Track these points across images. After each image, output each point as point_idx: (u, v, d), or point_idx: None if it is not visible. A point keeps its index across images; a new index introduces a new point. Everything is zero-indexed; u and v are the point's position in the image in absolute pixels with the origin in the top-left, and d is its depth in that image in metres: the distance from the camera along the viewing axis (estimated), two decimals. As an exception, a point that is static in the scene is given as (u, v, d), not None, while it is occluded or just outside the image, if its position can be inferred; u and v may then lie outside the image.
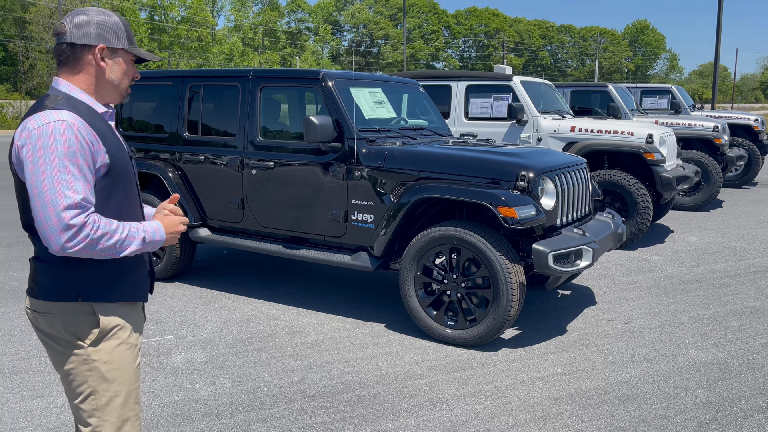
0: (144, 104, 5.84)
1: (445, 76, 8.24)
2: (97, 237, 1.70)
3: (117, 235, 1.74)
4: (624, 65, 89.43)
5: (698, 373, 3.84)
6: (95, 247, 1.71)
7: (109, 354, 1.85)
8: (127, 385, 1.90)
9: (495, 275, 3.98)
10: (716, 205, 10.31)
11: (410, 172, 4.39)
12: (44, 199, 1.66)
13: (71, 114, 1.74)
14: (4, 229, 7.92)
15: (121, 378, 1.88)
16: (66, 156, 1.68)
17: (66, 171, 1.68)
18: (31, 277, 1.87)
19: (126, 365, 1.90)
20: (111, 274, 1.85)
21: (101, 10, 1.85)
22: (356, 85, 4.90)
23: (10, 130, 33.01)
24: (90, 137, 1.75)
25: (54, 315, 1.83)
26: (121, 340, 1.88)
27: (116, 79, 1.89)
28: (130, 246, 1.77)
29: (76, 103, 1.80)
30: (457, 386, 3.63)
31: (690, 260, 6.69)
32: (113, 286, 1.85)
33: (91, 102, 1.85)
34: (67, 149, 1.69)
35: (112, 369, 1.86)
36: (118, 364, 1.87)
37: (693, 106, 13.64)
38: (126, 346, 1.89)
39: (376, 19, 78.34)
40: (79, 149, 1.71)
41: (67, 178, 1.68)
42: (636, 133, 7.26)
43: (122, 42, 1.87)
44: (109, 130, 1.86)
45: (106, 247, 1.72)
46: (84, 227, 1.68)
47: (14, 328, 4.47)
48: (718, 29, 21.70)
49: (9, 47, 56.09)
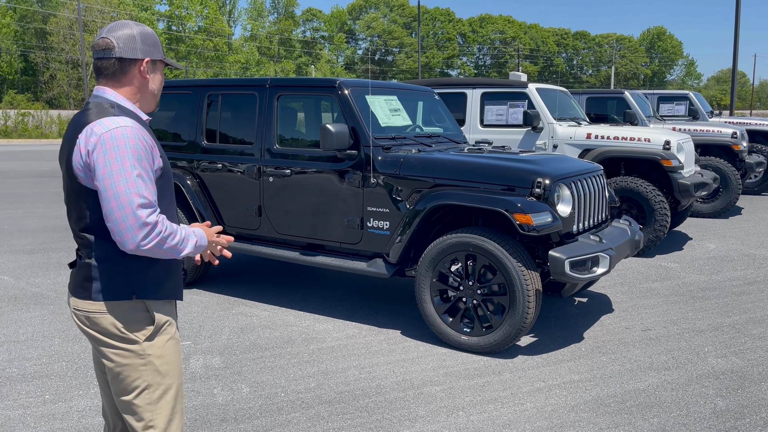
0: (162, 113, 5.92)
1: (461, 84, 8.26)
2: (166, 235, 1.82)
3: (179, 236, 1.86)
4: (641, 71, 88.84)
5: (717, 381, 3.81)
6: (163, 246, 1.82)
7: (161, 348, 1.95)
8: (177, 378, 2.01)
9: (511, 282, 3.98)
10: (735, 212, 10.20)
11: (426, 180, 4.40)
12: (120, 200, 1.76)
13: (126, 119, 1.85)
14: (26, 236, 8.06)
15: (172, 371, 1.98)
16: (135, 158, 1.80)
17: (137, 173, 1.80)
18: (80, 280, 1.93)
19: (175, 359, 2.00)
20: (161, 274, 1.96)
21: (136, 22, 1.96)
22: (372, 93, 4.94)
23: (30, 139, 33.55)
24: (149, 142, 1.88)
25: (108, 314, 1.90)
26: (170, 335, 1.99)
27: (156, 89, 2.00)
28: (186, 247, 1.89)
29: (127, 112, 1.90)
30: (474, 393, 3.63)
31: (709, 267, 6.63)
32: (162, 285, 1.97)
33: (137, 110, 1.96)
34: (135, 153, 1.80)
35: (164, 363, 1.96)
36: (169, 357, 1.97)
37: (711, 113, 13.53)
38: (174, 341, 2.00)
39: (390, 28, 78.63)
40: (144, 153, 1.83)
41: (138, 180, 1.79)
42: (653, 140, 7.22)
43: (159, 53, 1.98)
44: (153, 137, 1.96)
45: (171, 246, 1.84)
46: (156, 225, 1.80)
47: (36, 333, 4.55)
48: (735, 35, 21.53)
49: (30, 58, 57.11)
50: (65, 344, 4.34)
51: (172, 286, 2.01)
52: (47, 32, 54.93)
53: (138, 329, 1.92)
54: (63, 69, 55.14)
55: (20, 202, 10.98)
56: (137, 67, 1.93)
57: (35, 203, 10.91)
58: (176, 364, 2.00)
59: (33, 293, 5.55)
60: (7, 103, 42.08)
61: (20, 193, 12.27)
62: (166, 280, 1.98)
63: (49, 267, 6.49)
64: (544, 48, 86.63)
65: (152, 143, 1.89)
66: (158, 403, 1.95)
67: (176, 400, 2.00)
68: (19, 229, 8.50)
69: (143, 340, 1.92)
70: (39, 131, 35.77)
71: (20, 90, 56.07)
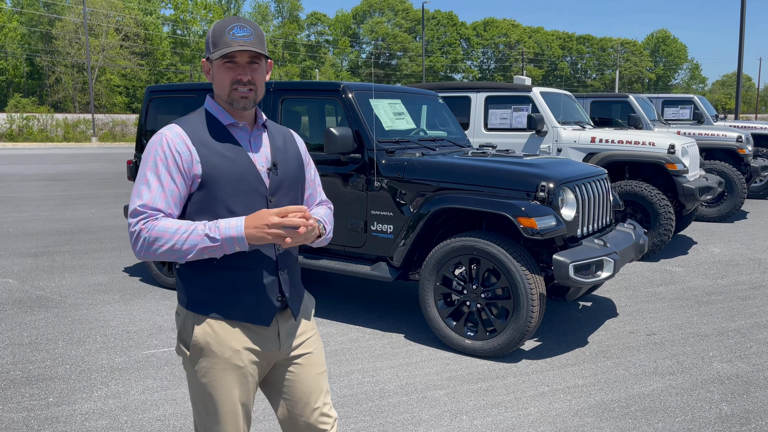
0: (167, 117, 5.94)
1: (465, 88, 8.26)
2: (148, 243, 1.68)
3: (176, 238, 1.66)
4: (645, 75, 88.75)
5: (723, 386, 3.79)
6: (156, 251, 1.68)
7: (205, 372, 1.81)
8: (220, 404, 1.82)
9: (515, 286, 3.97)
10: (740, 216, 10.16)
11: (430, 183, 4.40)
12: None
13: (175, 127, 1.78)
14: (30, 239, 8.08)
15: (213, 394, 1.81)
16: (149, 166, 1.74)
17: (143, 180, 1.73)
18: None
19: (223, 388, 1.81)
20: (217, 288, 1.80)
21: (226, 19, 1.80)
22: (376, 97, 4.94)
23: (35, 142, 33.69)
24: (182, 148, 1.74)
25: (178, 316, 1.89)
26: (219, 360, 1.80)
27: (218, 88, 1.82)
28: (195, 246, 1.67)
29: (198, 117, 1.82)
30: (477, 397, 3.62)
31: (714, 272, 6.60)
32: (216, 301, 1.80)
33: (221, 114, 1.84)
34: (152, 159, 1.74)
35: (209, 387, 1.82)
36: (209, 380, 1.81)
37: (716, 116, 13.49)
38: (223, 368, 1.80)
39: (394, 32, 78.79)
40: (162, 159, 1.73)
41: (141, 187, 1.73)
42: (657, 144, 7.21)
43: (209, 50, 1.80)
44: (226, 142, 1.80)
45: (165, 251, 1.67)
46: (139, 235, 1.69)
47: (40, 336, 4.56)
48: (740, 38, 21.49)
49: (35, 61, 57.40)
50: (69, 347, 4.34)
51: (234, 305, 1.80)
52: (53, 36, 55.21)
53: (188, 340, 1.82)
54: (68, 73, 55.38)
55: (25, 206, 11.02)
56: (205, 68, 1.85)
57: (40, 206, 10.95)
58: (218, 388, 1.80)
59: (37, 296, 5.57)
60: (13, 107, 42.32)
61: (25, 196, 12.31)
62: (225, 298, 1.79)
63: (54, 270, 6.50)
64: (549, 52, 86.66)
65: (186, 150, 1.74)
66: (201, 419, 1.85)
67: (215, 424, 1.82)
68: (24, 232, 8.52)
69: (189, 353, 1.82)
70: (44, 135, 35.93)
71: (26, 94, 56.36)
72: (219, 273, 1.79)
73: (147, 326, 4.80)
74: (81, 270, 6.52)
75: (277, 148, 1.89)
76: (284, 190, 1.87)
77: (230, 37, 1.73)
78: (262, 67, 1.82)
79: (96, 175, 16.89)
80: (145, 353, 4.25)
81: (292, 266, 1.91)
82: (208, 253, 1.69)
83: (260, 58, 1.80)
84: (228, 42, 1.73)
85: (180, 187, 1.74)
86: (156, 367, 4.00)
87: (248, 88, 1.78)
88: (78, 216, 10.01)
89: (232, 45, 1.73)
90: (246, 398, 1.86)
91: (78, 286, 5.89)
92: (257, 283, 1.81)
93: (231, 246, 1.68)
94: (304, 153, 2.02)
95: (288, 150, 1.93)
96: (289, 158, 1.92)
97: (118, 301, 5.46)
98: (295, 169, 1.93)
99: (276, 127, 1.98)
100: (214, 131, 1.80)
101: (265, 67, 1.85)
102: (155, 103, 6.04)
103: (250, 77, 1.77)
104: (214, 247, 1.68)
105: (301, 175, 1.96)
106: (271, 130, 1.94)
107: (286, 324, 1.90)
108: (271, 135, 1.92)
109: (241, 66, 1.77)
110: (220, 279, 1.79)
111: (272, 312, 1.84)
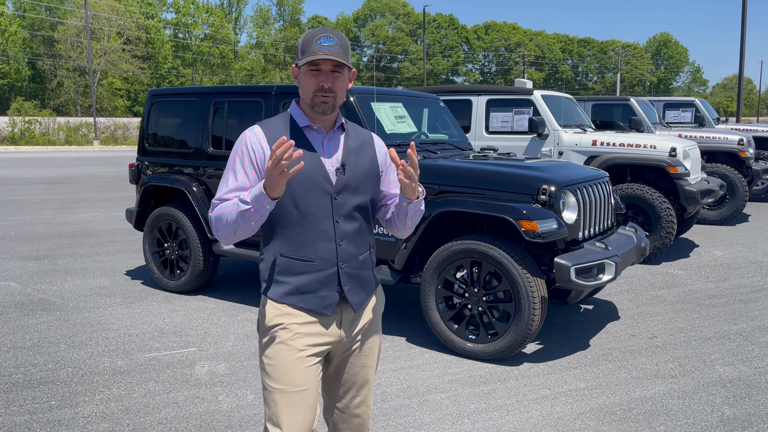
0: (169, 120, 5.95)
1: (466, 91, 8.27)
2: (215, 224, 1.90)
3: (227, 211, 1.85)
4: (646, 78, 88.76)
5: (725, 389, 3.78)
6: (222, 229, 1.88)
7: (270, 349, 1.97)
8: (285, 386, 1.94)
9: (516, 289, 3.97)
10: (742, 219, 10.15)
11: (431, 186, 4.41)
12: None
13: (256, 127, 1.97)
14: (32, 242, 8.10)
15: (278, 376, 1.94)
16: (229, 162, 1.96)
17: (224, 175, 1.96)
18: None
19: (284, 366, 1.94)
20: (284, 276, 1.97)
21: (315, 29, 1.94)
22: (377, 100, 4.95)
23: (37, 146, 33.75)
24: (257, 146, 1.94)
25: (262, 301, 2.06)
26: (282, 340, 1.95)
27: (303, 92, 1.95)
28: (237, 213, 1.82)
29: (279, 119, 2.00)
30: (479, 400, 3.62)
31: (716, 275, 6.60)
32: (281, 286, 1.97)
33: (299, 116, 1.99)
34: (232, 156, 1.96)
35: (270, 365, 1.96)
36: (276, 361, 1.95)
37: (717, 119, 13.50)
38: (286, 348, 1.94)
39: (395, 35, 78.90)
40: (239, 156, 1.94)
41: (222, 181, 1.96)
42: (659, 147, 7.21)
43: (298, 57, 1.94)
44: (300, 142, 1.94)
45: (225, 225, 1.87)
46: (211, 218, 1.91)
47: (42, 339, 4.56)
48: (742, 41, 21.50)
49: (38, 65, 57.52)
50: (71, 350, 4.35)
51: (296, 292, 1.95)
52: (55, 40, 55.34)
53: (259, 322, 2.02)
54: (70, 76, 55.49)
55: (27, 209, 11.04)
56: (294, 73, 2.00)
57: (42, 210, 10.97)
58: (284, 370, 1.93)
59: (39, 299, 5.57)
60: (15, 110, 42.39)
61: (27, 199, 12.33)
62: (288, 283, 1.96)
63: (56, 273, 6.51)
64: (550, 55, 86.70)
65: (260, 147, 1.92)
66: (266, 400, 1.98)
67: (279, 406, 1.93)
68: (26, 236, 8.54)
69: (260, 334, 2.02)
70: (46, 138, 36.00)
71: (27, 97, 56.45)
72: (288, 262, 1.96)
73: (149, 329, 4.80)
74: (83, 273, 6.53)
75: (349, 150, 2.01)
76: (351, 189, 1.98)
77: (317, 46, 1.88)
78: (344, 75, 1.95)
79: (98, 178, 16.91)
80: (147, 356, 4.25)
81: (355, 262, 2.01)
82: (252, 218, 1.82)
83: (343, 67, 1.93)
84: (314, 50, 1.88)
85: (252, 180, 1.92)
86: (158, 370, 4.00)
87: (329, 94, 1.91)
88: (80, 219, 10.02)
89: (317, 53, 1.87)
90: (305, 381, 1.95)
91: (80, 289, 5.90)
92: (320, 274, 1.96)
93: (259, 203, 1.79)
94: (383, 156, 2.12)
95: (362, 152, 2.05)
96: (361, 160, 2.03)
97: (119, 304, 5.47)
98: (366, 170, 2.03)
99: (357, 130, 2.09)
100: (290, 132, 1.96)
101: (348, 75, 1.97)
102: (157, 107, 6.06)
103: (331, 84, 1.91)
104: (249, 209, 1.81)
105: (373, 176, 2.05)
106: (350, 132, 2.06)
107: (348, 315, 2.03)
108: (348, 137, 2.04)
109: (324, 73, 1.90)
110: (288, 268, 1.96)
111: (332, 302, 1.98)
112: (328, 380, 2.14)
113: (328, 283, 1.97)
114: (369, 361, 2.13)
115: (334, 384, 2.13)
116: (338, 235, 1.96)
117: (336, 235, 1.96)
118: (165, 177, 5.77)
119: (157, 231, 5.88)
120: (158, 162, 5.95)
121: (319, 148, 1.97)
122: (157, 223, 5.85)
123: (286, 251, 1.95)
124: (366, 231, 2.05)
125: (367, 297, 2.08)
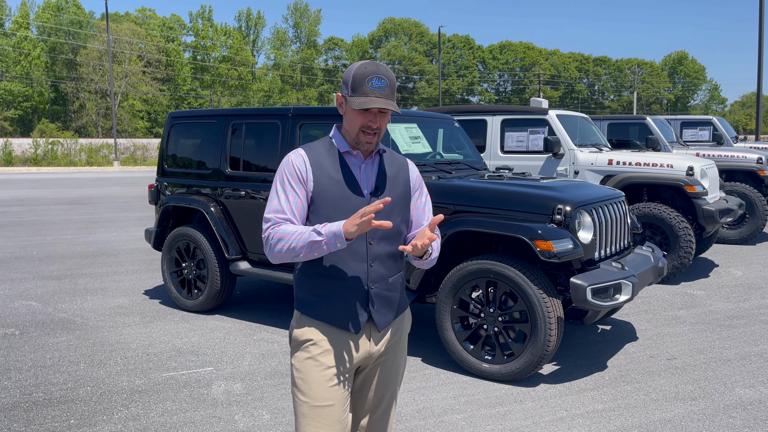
0: (188, 141, 6.06)
1: (481, 111, 8.31)
2: (273, 244, 1.96)
3: (293, 238, 1.92)
4: (663, 96, 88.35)
5: (745, 412, 3.72)
6: (281, 251, 1.95)
7: (299, 363, 2.04)
8: (313, 400, 2.01)
9: (532, 309, 3.96)
10: (762, 238, 10.02)
11: (446, 206, 4.43)
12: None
13: (300, 150, 2.07)
14: (53, 262, 8.22)
15: (306, 390, 2.02)
16: (278, 181, 2.04)
17: (273, 193, 2.03)
18: None
19: (313, 380, 2.01)
20: (316, 293, 2.06)
21: (365, 62, 2.01)
22: (392, 121, 5.00)
23: (59, 167, 34.35)
24: (301, 167, 2.02)
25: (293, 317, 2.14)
26: (311, 355, 2.02)
27: (348, 125, 2.04)
28: (306, 242, 1.90)
29: (322, 144, 2.09)
30: (495, 422, 3.59)
31: (736, 295, 6.51)
32: (315, 304, 2.05)
33: (340, 142, 2.08)
34: (280, 176, 2.04)
35: (300, 378, 2.03)
36: (305, 375, 2.02)
37: (735, 138, 13.39)
38: (315, 363, 2.02)
39: (410, 56, 79.52)
40: (286, 175, 2.03)
41: (272, 199, 2.03)
42: (676, 166, 7.17)
43: (346, 90, 2.01)
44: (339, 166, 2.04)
45: (287, 250, 1.93)
46: (268, 238, 1.98)
47: (62, 358, 4.62)
48: (759, 58, 21.38)
49: (60, 88, 58.74)
50: (90, 369, 4.40)
51: (327, 309, 2.03)
52: (77, 63, 56.53)
53: (292, 336, 2.09)
54: (92, 99, 56.57)
55: (49, 229, 11.22)
56: (338, 101, 2.07)
57: (63, 230, 11.14)
58: (313, 385, 2.00)
59: (60, 318, 5.65)
60: (39, 132, 43.23)
61: (49, 219, 12.54)
62: (321, 300, 2.04)
63: (76, 293, 6.60)
64: (565, 74, 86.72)
65: (304, 168, 2.01)
66: (295, 412, 2.05)
67: (307, 419, 2.00)
68: (47, 255, 8.68)
69: (291, 348, 2.09)
70: (68, 159, 36.64)
71: (51, 119, 57.59)
72: (320, 280, 2.04)
73: (167, 348, 4.85)
74: (102, 293, 6.61)
75: (384, 175, 2.10)
76: (385, 213, 2.06)
77: (369, 87, 1.95)
78: (389, 113, 2.05)
79: (118, 198, 17.15)
80: (165, 375, 4.29)
81: (384, 283, 2.08)
82: (317, 250, 1.90)
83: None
84: (366, 92, 1.95)
85: (301, 198, 2.02)
86: (175, 390, 4.03)
87: (375, 132, 2.01)
88: (100, 239, 10.17)
89: (369, 95, 1.95)
90: (332, 397, 2.01)
91: (99, 309, 5.98)
92: (349, 292, 2.03)
93: (333, 241, 1.87)
94: (414, 180, 2.20)
95: (397, 177, 2.14)
96: (396, 184, 2.12)
97: (138, 323, 5.53)
98: (400, 195, 2.12)
99: (393, 156, 2.18)
100: (331, 156, 2.06)
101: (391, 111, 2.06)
102: (176, 128, 6.17)
103: (379, 124, 2.00)
104: (320, 242, 1.88)
105: (406, 201, 2.14)
106: (387, 158, 2.14)
107: (376, 334, 2.10)
108: (384, 162, 2.12)
109: (372, 113, 1.99)
110: (320, 285, 2.04)
111: (360, 321, 2.05)
112: (353, 397, 2.20)
113: (358, 303, 2.04)
114: (393, 381, 2.19)
115: (358, 401, 2.19)
116: (370, 257, 2.04)
117: (368, 257, 2.04)
118: (183, 197, 5.86)
119: (175, 251, 5.95)
120: (177, 183, 6.04)
121: (356, 172, 2.06)
122: (175, 243, 5.92)
123: (320, 269, 2.03)
124: (397, 254, 2.12)
125: (393, 318, 2.14)
